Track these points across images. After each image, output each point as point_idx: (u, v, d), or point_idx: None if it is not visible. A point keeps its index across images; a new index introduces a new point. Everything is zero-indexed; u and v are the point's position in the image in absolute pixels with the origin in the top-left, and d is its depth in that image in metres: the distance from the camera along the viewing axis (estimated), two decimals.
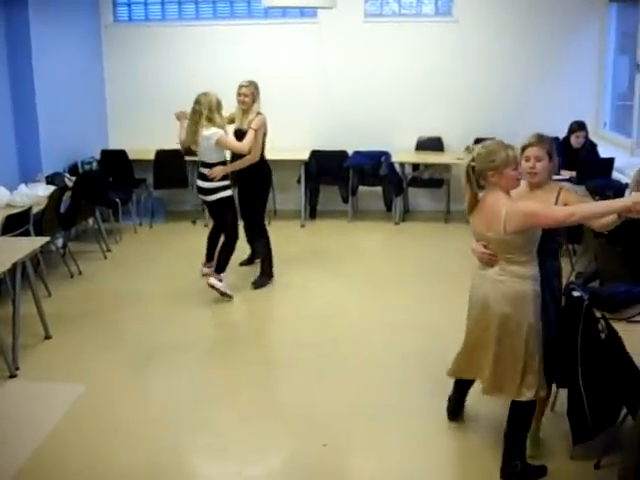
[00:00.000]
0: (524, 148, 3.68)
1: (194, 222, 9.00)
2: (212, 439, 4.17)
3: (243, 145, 6.35)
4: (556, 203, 3.60)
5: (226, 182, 6.40)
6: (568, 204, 3.56)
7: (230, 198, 6.48)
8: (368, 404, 4.53)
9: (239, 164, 6.51)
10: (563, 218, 3.37)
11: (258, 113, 6.53)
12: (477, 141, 8.77)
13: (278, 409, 4.52)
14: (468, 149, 8.91)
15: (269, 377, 4.99)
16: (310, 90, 9.14)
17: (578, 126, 7.43)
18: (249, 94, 6.56)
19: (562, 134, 7.60)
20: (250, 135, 6.38)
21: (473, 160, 3.49)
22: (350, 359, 5.19)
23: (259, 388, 4.81)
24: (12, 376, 4.91)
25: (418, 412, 4.38)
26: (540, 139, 3.69)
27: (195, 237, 8.50)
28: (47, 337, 5.56)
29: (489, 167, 3.44)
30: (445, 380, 4.19)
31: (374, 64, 9.11)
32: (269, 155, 7.21)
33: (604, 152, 7.62)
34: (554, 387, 4.04)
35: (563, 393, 4.01)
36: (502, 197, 3.46)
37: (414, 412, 4.38)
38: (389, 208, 9.08)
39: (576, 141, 7.41)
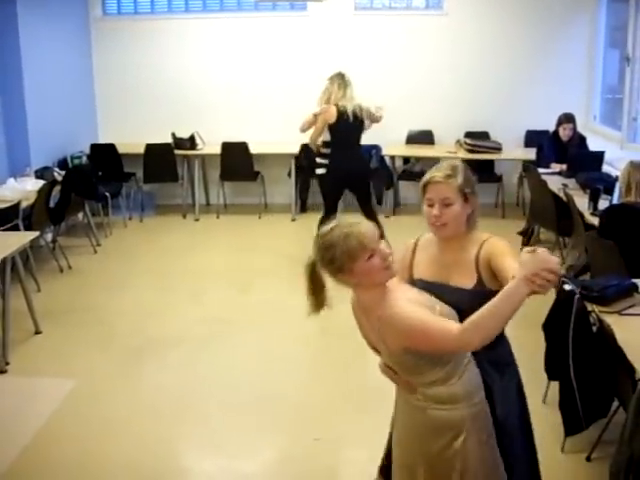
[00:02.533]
0: (425, 186, 2.57)
1: (184, 216, 8.97)
2: (204, 434, 4.16)
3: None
4: (477, 265, 2.51)
5: (322, 160, 6.86)
6: (494, 263, 2.43)
7: (322, 176, 6.93)
8: (357, 397, 4.53)
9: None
10: (451, 345, 2.26)
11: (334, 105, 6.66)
12: (467, 135, 8.82)
13: (270, 403, 4.51)
14: (459, 142, 8.95)
15: (261, 371, 4.97)
16: (300, 82, 9.11)
17: (566, 118, 7.43)
18: (323, 91, 6.80)
19: (552, 128, 7.62)
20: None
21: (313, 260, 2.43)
22: (339, 352, 5.18)
23: (250, 382, 4.80)
24: (2, 371, 4.89)
25: None
26: (449, 173, 2.53)
27: (185, 231, 8.52)
28: (37, 332, 5.53)
29: (331, 270, 2.39)
30: None
31: (364, 57, 9.09)
32: (259, 149, 7.15)
33: (594, 145, 7.63)
34: (545, 379, 4.05)
35: (554, 385, 4.02)
36: (374, 294, 2.40)
37: None
38: (379, 201, 9.06)
39: (564, 133, 7.41)
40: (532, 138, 8.80)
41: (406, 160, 9.22)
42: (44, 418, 4.30)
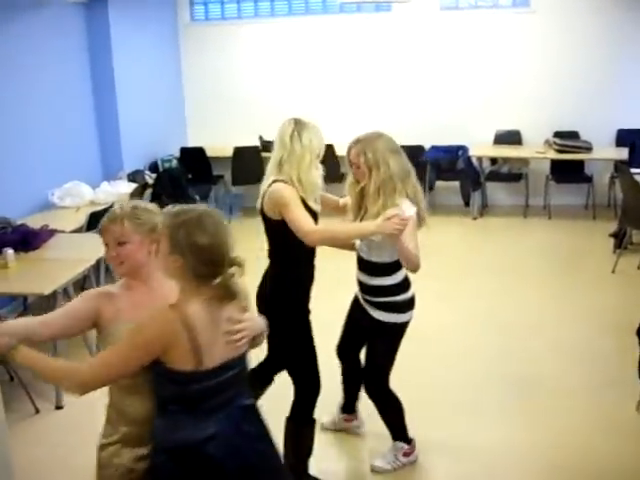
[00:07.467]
0: None
1: None
2: None
3: None
4: None
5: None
6: None
7: None
8: (445, 400, 4.49)
9: None
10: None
11: None
12: (556, 134, 8.64)
13: None
14: (547, 142, 8.74)
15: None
16: (386, 83, 9.11)
17: None
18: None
19: None
20: None
21: None
22: (425, 357, 5.05)
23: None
24: (58, 407, 4.39)
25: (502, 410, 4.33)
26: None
27: None
28: None
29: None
30: (523, 380, 4.08)
31: (450, 57, 9.02)
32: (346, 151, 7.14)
33: None
34: None
35: None
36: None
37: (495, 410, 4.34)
38: (467, 203, 8.95)
39: None
40: (624, 137, 8.54)
41: (493, 161, 9.08)
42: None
